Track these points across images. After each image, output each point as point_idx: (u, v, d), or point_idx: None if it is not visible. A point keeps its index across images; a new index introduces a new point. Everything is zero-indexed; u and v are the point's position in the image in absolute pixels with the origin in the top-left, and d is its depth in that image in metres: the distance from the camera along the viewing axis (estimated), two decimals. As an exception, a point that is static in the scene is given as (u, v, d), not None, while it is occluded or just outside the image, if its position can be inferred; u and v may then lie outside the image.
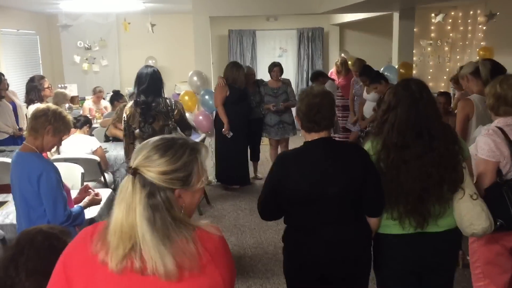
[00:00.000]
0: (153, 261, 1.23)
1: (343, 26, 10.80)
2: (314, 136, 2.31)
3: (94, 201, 3.00)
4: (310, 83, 7.81)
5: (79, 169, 4.11)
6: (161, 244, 1.24)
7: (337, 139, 6.64)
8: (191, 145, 1.36)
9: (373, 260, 2.43)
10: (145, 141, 1.36)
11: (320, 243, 2.26)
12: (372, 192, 2.26)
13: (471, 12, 9.06)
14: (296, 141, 7.13)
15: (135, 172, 1.28)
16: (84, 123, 5.20)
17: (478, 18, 8.45)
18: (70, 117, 2.80)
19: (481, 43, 8.59)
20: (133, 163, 1.30)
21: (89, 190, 3.00)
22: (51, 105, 2.78)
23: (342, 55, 10.24)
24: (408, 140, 2.22)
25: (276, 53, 10.81)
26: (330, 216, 2.26)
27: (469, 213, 2.24)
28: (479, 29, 8.76)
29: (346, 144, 3.22)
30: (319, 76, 7.15)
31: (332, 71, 8.52)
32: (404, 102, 2.25)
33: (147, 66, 4.19)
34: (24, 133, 5.03)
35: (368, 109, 6.22)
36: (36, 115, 2.66)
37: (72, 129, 4.91)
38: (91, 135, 5.51)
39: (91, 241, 1.31)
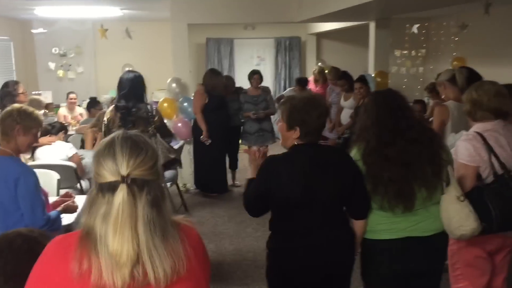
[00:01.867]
0: (154, 267, 1.23)
1: (320, 36, 10.92)
2: (302, 140, 2.29)
3: (71, 208, 2.94)
4: (289, 88, 7.96)
5: (55, 176, 4.03)
6: (161, 247, 1.25)
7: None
8: (140, 134, 1.39)
9: (361, 266, 2.46)
10: (105, 146, 1.31)
11: (307, 247, 2.26)
12: (359, 194, 2.31)
13: (444, 23, 9.27)
14: (275, 149, 7.14)
15: (129, 179, 1.26)
16: (59, 129, 5.10)
17: (451, 29, 8.64)
18: (37, 112, 2.75)
19: (454, 54, 8.80)
20: (122, 171, 1.26)
21: (70, 197, 2.95)
22: (15, 105, 2.73)
23: (319, 64, 10.34)
24: (389, 140, 2.32)
25: (254, 62, 10.86)
26: (319, 221, 2.27)
27: (458, 215, 2.29)
28: (452, 39, 8.97)
29: (332, 148, 3.26)
30: (304, 83, 7.46)
31: (309, 80, 8.60)
32: (382, 108, 2.38)
33: (129, 71, 4.18)
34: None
35: (345, 116, 6.29)
36: (3, 118, 2.62)
37: (50, 137, 4.85)
38: (67, 141, 5.41)
39: (70, 257, 1.25)
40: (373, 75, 7.34)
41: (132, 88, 4.03)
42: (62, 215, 2.83)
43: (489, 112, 2.58)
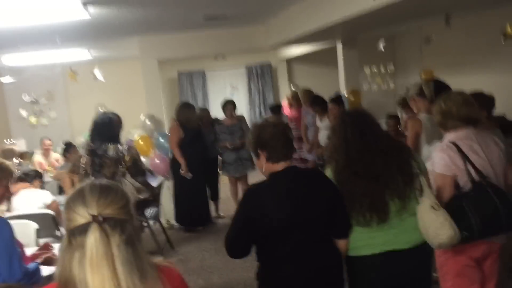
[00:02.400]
0: None
1: (290, 61, 11.08)
2: (282, 165, 2.30)
3: (51, 260, 2.86)
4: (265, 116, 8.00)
5: (32, 226, 3.93)
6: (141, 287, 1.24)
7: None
8: (109, 181, 1.41)
9: (349, 284, 2.46)
10: (74, 193, 1.33)
11: (299, 273, 2.24)
12: (340, 214, 2.33)
13: (411, 38, 9.51)
14: (255, 177, 7.12)
15: (100, 217, 1.26)
16: (34, 177, 5.00)
17: (417, 43, 8.87)
18: (6, 162, 2.70)
19: (421, 67, 9.00)
20: (92, 211, 1.26)
21: (49, 249, 2.87)
22: None
23: (292, 88, 10.46)
24: (357, 156, 2.38)
25: (228, 92, 10.91)
26: (307, 244, 2.26)
27: (433, 224, 2.31)
28: (418, 53, 9.19)
29: (311, 170, 3.28)
30: (277, 110, 7.50)
31: (284, 104, 8.67)
32: (350, 127, 2.45)
33: (104, 113, 4.20)
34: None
35: (323, 137, 6.32)
36: None
37: (25, 184, 4.75)
38: (43, 188, 5.30)
39: None
40: (346, 94, 7.44)
41: (101, 129, 4.07)
42: (42, 267, 2.75)
43: (460, 121, 2.63)
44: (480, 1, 5.08)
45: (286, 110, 8.30)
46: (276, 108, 7.86)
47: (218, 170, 6.69)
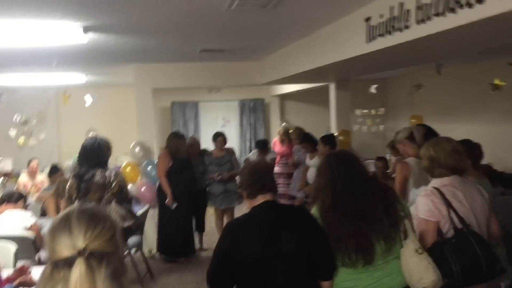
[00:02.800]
0: None
1: (283, 97, 11.21)
2: (260, 199, 2.35)
3: (27, 283, 2.80)
4: (253, 151, 7.97)
5: (12, 248, 3.86)
6: None
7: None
8: (97, 206, 1.39)
9: None
10: (60, 221, 1.28)
11: None
12: (323, 254, 2.31)
13: (403, 83, 9.70)
14: (242, 210, 7.09)
15: (86, 252, 1.22)
16: (18, 198, 4.92)
17: (408, 89, 9.03)
18: None
19: (412, 112, 9.15)
20: (78, 244, 1.22)
21: (25, 271, 2.81)
22: None
23: (284, 124, 10.54)
24: (344, 196, 2.38)
25: (219, 124, 10.96)
26: (284, 280, 2.25)
27: (417, 267, 2.30)
28: (409, 98, 9.35)
29: (293, 206, 3.30)
30: (263, 146, 7.49)
31: (275, 140, 8.71)
32: (335, 167, 2.47)
33: (92, 137, 4.18)
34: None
35: (312, 175, 6.34)
36: None
37: (8, 205, 4.67)
38: (26, 210, 5.22)
39: None
40: (336, 134, 7.51)
41: (90, 154, 4.04)
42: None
43: (447, 169, 2.66)
44: (470, 52, 5.22)
45: (277, 146, 8.33)
46: (262, 144, 7.82)
47: (206, 202, 6.64)
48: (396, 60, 5.06)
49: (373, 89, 8.48)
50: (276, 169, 7.73)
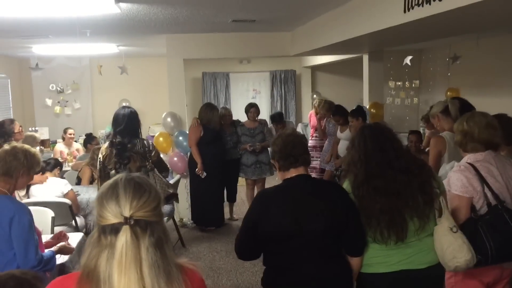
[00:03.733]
0: None
1: (315, 68, 11.07)
2: (292, 173, 2.33)
3: (66, 250, 2.91)
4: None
5: (49, 213, 4.00)
6: None
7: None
8: (144, 176, 1.42)
9: None
10: (108, 189, 1.33)
11: (303, 282, 2.23)
12: (353, 230, 2.29)
13: (439, 55, 9.42)
14: (272, 182, 7.12)
15: (132, 220, 1.27)
16: (54, 165, 5.10)
17: (444, 60, 8.78)
18: (39, 153, 2.74)
19: (448, 84, 8.90)
20: (124, 213, 1.27)
21: (63, 237, 2.92)
22: (18, 146, 2.69)
23: (315, 96, 10.44)
24: (377, 172, 2.33)
25: (250, 95, 10.94)
26: (312, 254, 2.24)
27: (451, 246, 2.26)
28: (445, 70, 9.09)
29: (325, 181, 3.28)
30: (282, 119, 7.36)
31: (311, 113, 8.65)
32: (370, 141, 2.40)
33: (124, 107, 4.19)
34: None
35: (342, 148, 6.29)
36: (7, 160, 2.58)
37: (42, 176, 4.82)
38: (62, 177, 5.39)
39: None
40: (367, 106, 7.40)
41: (128, 123, 4.05)
42: (57, 256, 2.80)
43: (480, 144, 2.59)
44: (510, 23, 5.00)
45: (313, 118, 8.25)
46: (278, 116, 7.44)
47: (238, 172, 6.69)
48: (433, 30, 4.89)
49: (407, 60, 8.27)
50: (311, 142, 7.70)
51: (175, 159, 6.55)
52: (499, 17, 4.12)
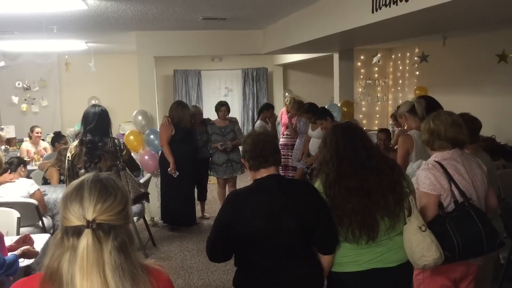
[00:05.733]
0: None
1: (286, 66, 11.11)
2: (263, 173, 2.33)
3: (30, 253, 2.84)
4: (256, 121, 7.87)
5: (15, 214, 3.90)
6: None
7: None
8: (112, 178, 1.39)
9: None
10: (73, 190, 1.31)
11: (274, 283, 2.23)
12: (325, 229, 2.29)
13: (408, 54, 9.59)
14: (244, 180, 7.13)
15: (94, 224, 1.26)
16: (17, 164, 4.92)
17: (415, 58, 8.93)
18: (0, 154, 2.67)
19: (416, 83, 9.08)
20: (87, 216, 1.26)
21: (29, 241, 2.85)
22: None
23: (287, 94, 10.48)
24: (349, 171, 2.34)
25: (222, 93, 10.91)
26: (283, 255, 2.24)
27: (420, 245, 2.30)
28: (415, 69, 9.26)
29: (296, 181, 3.27)
30: (269, 108, 7.35)
31: (282, 110, 8.66)
32: (342, 140, 2.41)
33: (94, 105, 4.11)
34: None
35: (313, 146, 6.34)
36: None
37: (10, 175, 4.70)
38: (29, 177, 5.26)
39: None
40: (338, 104, 7.47)
41: (99, 122, 3.98)
42: (21, 259, 2.72)
43: (447, 142, 2.64)
44: (475, 23, 5.12)
45: (284, 117, 8.28)
46: (269, 106, 7.60)
47: (208, 171, 6.67)
48: (401, 30, 4.98)
49: (377, 59, 8.39)
50: (282, 140, 7.73)
51: (146, 157, 6.48)
52: (464, 18, 4.22)
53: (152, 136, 6.56)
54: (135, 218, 5.55)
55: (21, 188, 4.64)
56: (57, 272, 1.24)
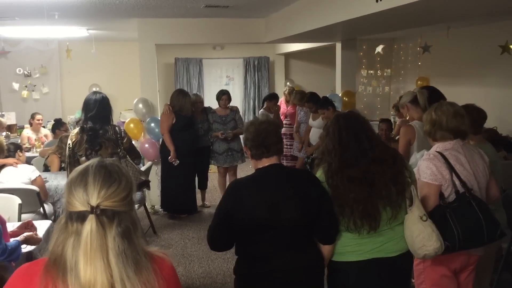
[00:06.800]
0: None
1: (288, 56, 11.07)
2: (265, 162, 2.32)
3: (33, 240, 2.84)
4: (257, 110, 7.86)
5: (16, 200, 3.91)
6: (135, 279, 1.25)
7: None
8: (116, 164, 1.39)
9: None
10: (77, 175, 1.31)
11: (275, 272, 2.23)
12: (326, 219, 2.29)
13: (411, 44, 9.54)
14: (244, 169, 7.13)
15: (98, 210, 1.26)
16: (14, 150, 4.88)
17: (418, 49, 8.89)
18: (2, 138, 2.67)
19: (419, 73, 9.04)
20: (91, 201, 1.26)
21: (31, 227, 2.85)
22: None
23: (288, 83, 10.45)
24: (352, 161, 2.33)
25: (223, 81, 10.87)
26: (284, 244, 2.25)
27: (421, 235, 2.30)
28: (417, 60, 9.23)
29: (298, 170, 3.27)
30: (273, 98, 7.29)
31: (281, 100, 8.66)
32: (344, 130, 2.39)
33: (95, 92, 4.08)
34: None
35: (314, 136, 6.34)
36: None
37: (12, 160, 4.69)
38: (30, 164, 5.26)
39: (35, 283, 1.24)
40: (340, 94, 7.46)
41: (100, 109, 3.96)
42: (23, 245, 2.73)
43: (448, 132, 2.64)
44: (479, 14, 5.09)
45: (283, 106, 8.26)
46: (273, 95, 7.55)
47: (209, 160, 6.67)
48: (405, 20, 4.95)
49: (379, 49, 8.35)
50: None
51: (147, 145, 6.48)
52: (468, 7, 4.19)
53: (152, 124, 6.55)
54: (136, 206, 5.57)
55: (22, 175, 4.64)
56: (61, 257, 1.25)
